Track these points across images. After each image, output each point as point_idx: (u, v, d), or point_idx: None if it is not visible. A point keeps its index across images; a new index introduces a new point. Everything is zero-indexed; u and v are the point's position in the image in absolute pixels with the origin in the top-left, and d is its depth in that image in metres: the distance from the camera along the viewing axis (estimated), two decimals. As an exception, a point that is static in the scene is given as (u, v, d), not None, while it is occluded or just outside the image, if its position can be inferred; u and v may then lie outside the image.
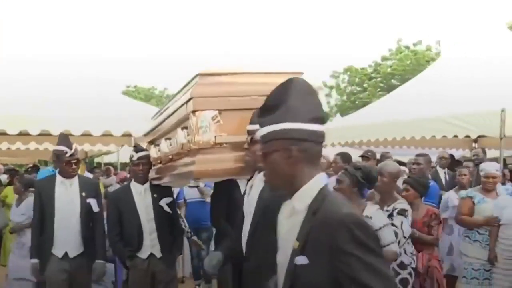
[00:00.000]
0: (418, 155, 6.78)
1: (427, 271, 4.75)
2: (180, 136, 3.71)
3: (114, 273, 7.65)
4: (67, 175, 4.94)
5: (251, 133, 3.19)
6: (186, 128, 3.63)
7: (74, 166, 4.95)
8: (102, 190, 9.27)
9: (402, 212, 4.52)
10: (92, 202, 4.96)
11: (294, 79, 2.03)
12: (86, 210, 4.92)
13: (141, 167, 4.82)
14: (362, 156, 7.45)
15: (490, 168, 5.83)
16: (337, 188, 4.08)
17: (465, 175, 6.46)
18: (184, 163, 3.76)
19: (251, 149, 3.21)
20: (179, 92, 4.18)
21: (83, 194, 4.93)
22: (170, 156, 4.14)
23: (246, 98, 3.48)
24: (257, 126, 2.72)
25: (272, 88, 3.38)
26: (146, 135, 5.15)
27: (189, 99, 3.51)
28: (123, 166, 12.77)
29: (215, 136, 3.42)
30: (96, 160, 19.88)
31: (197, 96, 3.47)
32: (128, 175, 9.25)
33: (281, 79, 3.56)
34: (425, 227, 4.89)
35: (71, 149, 4.92)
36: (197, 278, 7.65)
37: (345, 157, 6.73)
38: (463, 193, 5.68)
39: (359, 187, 4.12)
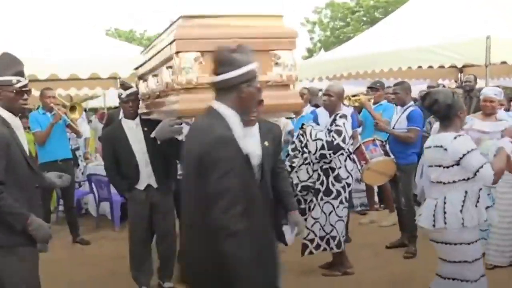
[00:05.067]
0: (395, 84, 6.56)
1: None
2: (165, 75, 3.84)
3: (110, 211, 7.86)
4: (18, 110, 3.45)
5: None
6: (170, 67, 3.76)
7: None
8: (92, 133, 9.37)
9: (343, 116, 5.27)
10: None
11: None
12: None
13: (130, 104, 4.97)
14: (370, 87, 7.49)
15: (489, 92, 5.69)
16: None
17: None
18: (169, 101, 3.92)
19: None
20: (164, 31, 4.26)
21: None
22: (158, 93, 4.27)
23: (227, 40, 3.52)
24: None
25: (252, 31, 3.79)
26: (136, 69, 5.22)
27: (173, 41, 3.65)
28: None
29: (197, 77, 3.58)
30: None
31: (180, 38, 3.62)
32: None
33: (262, 22, 3.96)
34: None
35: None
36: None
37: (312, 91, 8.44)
38: None
39: None
